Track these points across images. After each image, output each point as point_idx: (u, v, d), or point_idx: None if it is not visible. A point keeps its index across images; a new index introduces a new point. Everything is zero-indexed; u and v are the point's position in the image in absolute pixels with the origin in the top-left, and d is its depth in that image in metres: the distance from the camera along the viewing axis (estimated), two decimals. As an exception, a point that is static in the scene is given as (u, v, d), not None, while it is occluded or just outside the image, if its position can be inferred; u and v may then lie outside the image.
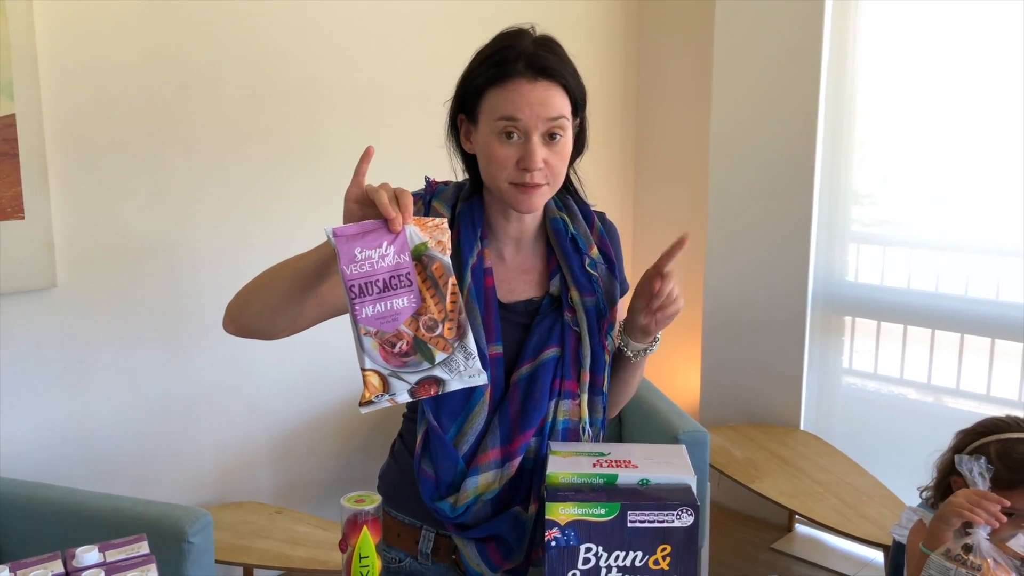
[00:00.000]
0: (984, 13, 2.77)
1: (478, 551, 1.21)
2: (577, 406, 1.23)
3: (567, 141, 1.20)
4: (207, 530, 1.98)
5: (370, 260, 0.99)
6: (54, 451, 2.40)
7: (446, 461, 1.19)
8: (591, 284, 1.25)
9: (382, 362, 1.00)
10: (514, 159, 1.15)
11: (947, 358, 3.08)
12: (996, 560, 1.19)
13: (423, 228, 1.02)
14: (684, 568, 1.07)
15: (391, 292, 0.99)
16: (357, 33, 2.85)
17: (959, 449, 1.41)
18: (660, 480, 1.12)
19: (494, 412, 1.20)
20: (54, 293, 2.36)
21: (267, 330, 1.17)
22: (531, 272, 1.28)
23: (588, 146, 1.32)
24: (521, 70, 1.15)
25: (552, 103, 1.16)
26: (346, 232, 0.99)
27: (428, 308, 1.01)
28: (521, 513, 1.21)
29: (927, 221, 3.06)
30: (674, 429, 2.60)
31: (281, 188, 2.73)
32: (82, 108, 2.36)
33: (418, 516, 1.27)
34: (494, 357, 1.20)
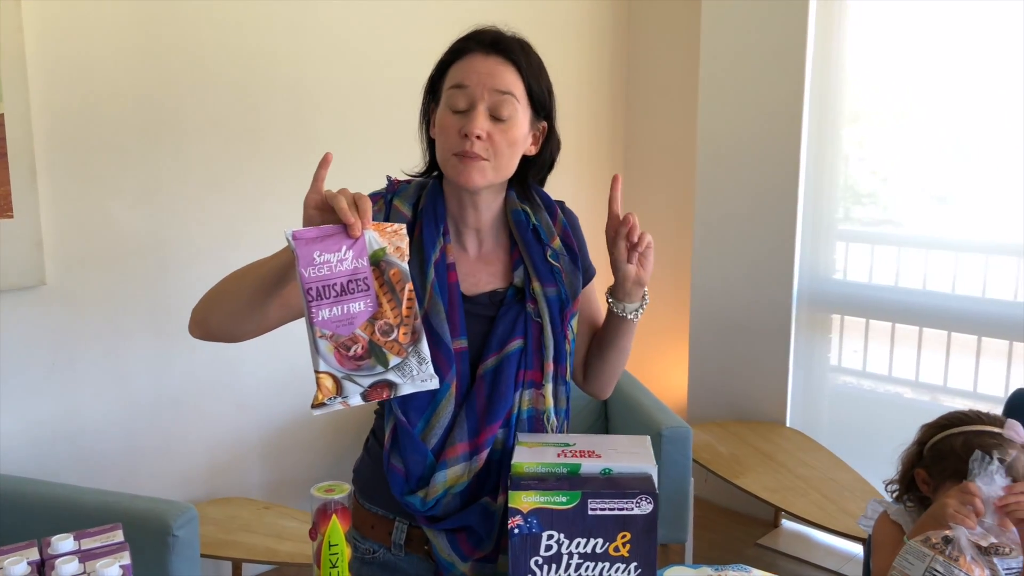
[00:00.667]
0: (967, 12, 2.80)
1: (449, 542, 1.23)
2: (541, 396, 1.26)
3: (516, 124, 1.20)
4: (192, 524, 2.01)
5: (328, 264, 1.01)
6: (44, 447, 2.43)
7: (415, 455, 1.21)
8: (553, 275, 1.27)
9: (336, 365, 1.02)
10: (459, 127, 1.18)
11: (935, 355, 3.11)
12: (974, 556, 1.22)
13: (382, 234, 1.04)
14: (643, 554, 1.10)
15: (348, 296, 1.01)
16: (347, 32, 2.87)
17: (923, 443, 1.43)
18: (622, 469, 1.15)
19: (461, 405, 1.22)
20: (43, 291, 2.39)
21: (233, 334, 1.19)
22: (495, 264, 1.30)
23: (556, 163, 1.33)
24: (478, 46, 1.20)
25: (501, 76, 1.19)
26: (305, 235, 1.00)
27: (384, 313, 1.03)
28: (490, 504, 1.23)
29: (914, 219, 3.09)
30: (658, 424, 2.63)
31: (270, 186, 2.76)
32: (71, 107, 2.39)
33: (391, 508, 1.29)
34: (459, 351, 1.22)
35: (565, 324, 1.27)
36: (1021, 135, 2.74)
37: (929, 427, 1.44)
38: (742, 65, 3.26)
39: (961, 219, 2.97)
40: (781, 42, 3.14)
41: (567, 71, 3.57)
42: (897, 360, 3.21)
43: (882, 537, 1.42)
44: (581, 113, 3.65)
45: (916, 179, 3.05)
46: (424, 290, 1.22)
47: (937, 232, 3.03)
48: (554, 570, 1.10)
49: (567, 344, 1.28)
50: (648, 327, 3.87)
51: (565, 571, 1.10)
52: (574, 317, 1.30)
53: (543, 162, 1.31)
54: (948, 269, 3.03)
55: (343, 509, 1.14)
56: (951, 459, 1.34)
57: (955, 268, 3.01)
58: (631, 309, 1.30)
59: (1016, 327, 2.83)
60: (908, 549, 1.25)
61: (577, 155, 3.63)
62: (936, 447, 1.39)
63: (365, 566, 1.32)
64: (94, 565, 1.04)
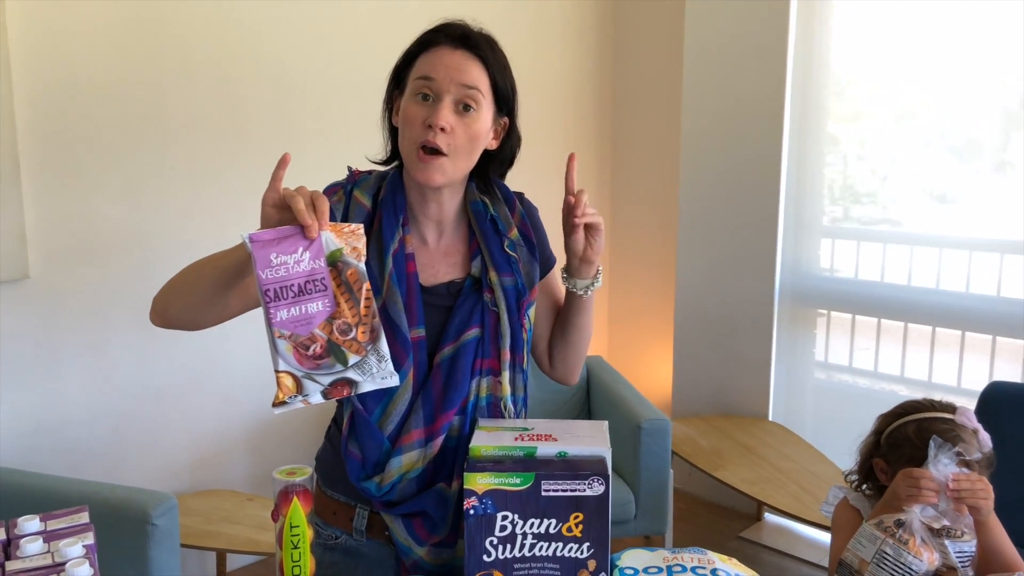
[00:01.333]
0: (943, 11, 2.83)
1: (405, 527, 1.26)
2: (499, 383, 1.28)
3: (480, 118, 1.23)
4: (171, 513, 2.03)
5: (285, 265, 1.02)
6: (27, 439, 2.45)
7: (371, 442, 1.23)
8: (510, 265, 1.29)
9: (296, 364, 1.04)
10: (423, 117, 1.19)
11: (920, 350, 3.13)
12: (923, 539, 1.24)
13: (339, 234, 1.05)
14: (596, 535, 1.12)
15: (306, 296, 1.03)
16: (330, 29, 2.90)
17: (880, 432, 1.46)
18: (577, 452, 1.17)
19: (417, 393, 1.25)
20: (27, 284, 2.41)
21: (193, 323, 1.22)
22: (453, 255, 1.32)
23: (517, 158, 1.35)
24: (446, 39, 1.22)
25: (468, 71, 1.21)
26: (262, 237, 1.02)
27: (342, 312, 1.05)
28: (445, 489, 1.25)
29: (901, 216, 3.11)
30: (638, 417, 2.66)
31: (253, 181, 2.78)
32: (54, 104, 2.41)
33: (352, 495, 1.31)
34: (416, 340, 1.24)
35: (522, 313, 1.30)
36: (1006, 131, 2.76)
37: (884, 417, 1.47)
38: (725, 64, 3.28)
39: (946, 216, 3.00)
40: (763, 42, 3.17)
41: (554, 71, 3.60)
42: (882, 355, 3.24)
43: (841, 521, 1.45)
44: (568, 112, 3.67)
45: (900, 177, 3.08)
46: (382, 280, 1.23)
47: (923, 229, 3.05)
48: (509, 550, 1.13)
49: (524, 333, 1.30)
50: (634, 323, 3.90)
51: (519, 551, 1.13)
52: (531, 307, 1.32)
53: (504, 157, 1.33)
54: (933, 265, 3.05)
55: (304, 492, 1.16)
56: (906, 446, 1.37)
57: (939, 264, 3.04)
58: (582, 286, 1.31)
59: (999, 322, 2.86)
60: (862, 532, 1.28)
61: (561, 157, 3.65)
62: (892, 436, 1.42)
63: (328, 552, 1.34)
64: (58, 545, 1.07)
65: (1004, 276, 2.89)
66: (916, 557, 1.20)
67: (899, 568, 1.21)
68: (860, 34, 3.04)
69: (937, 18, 2.85)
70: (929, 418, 1.38)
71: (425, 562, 1.26)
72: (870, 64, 3.04)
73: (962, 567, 1.24)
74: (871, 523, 1.28)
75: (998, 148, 2.82)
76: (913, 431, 1.37)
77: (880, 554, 1.23)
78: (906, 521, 1.25)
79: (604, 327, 4.02)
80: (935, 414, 1.39)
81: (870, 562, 1.23)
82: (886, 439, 1.43)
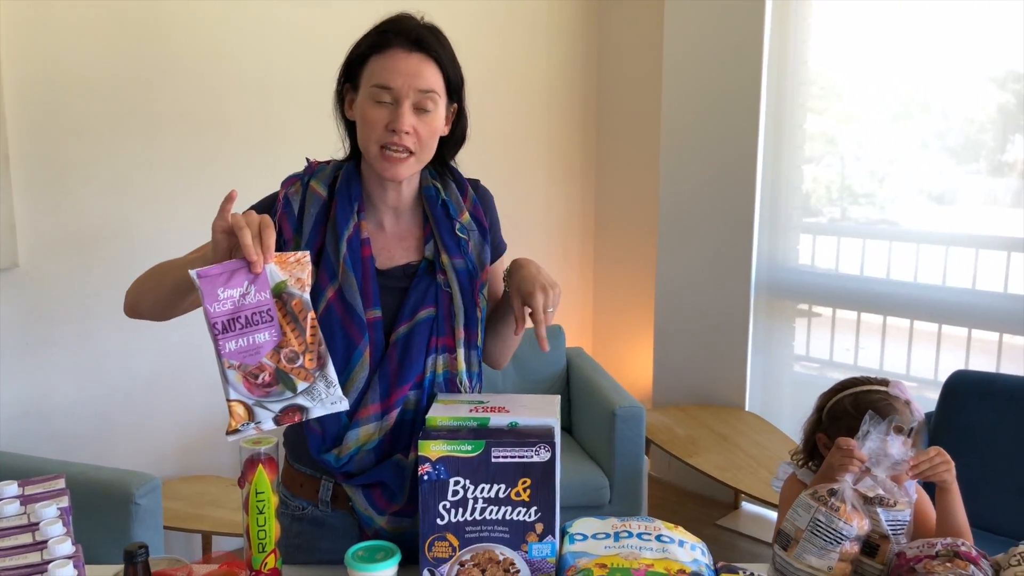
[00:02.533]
0: (917, 12, 2.90)
1: (365, 496, 1.32)
2: (454, 360, 1.34)
3: (437, 115, 1.29)
4: (155, 493, 2.10)
5: (232, 299, 1.08)
6: (16, 424, 2.52)
7: (329, 416, 1.29)
8: (459, 248, 1.36)
9: (246, 392, 1.09)
10: (384, 121, 1.25)
11: (899, 344, 3.19)
12: (853, 505, 1.31)
13: (283, 265, 1.11)
14: (543, 499, 1.19)
15: (252, 328, 1.09)
16: (311, 29, 2.97)
17: (820, 409, 1.52)
18: (527, 423, 1.23)
19: (374, 371, 1.31)
20: (16, 273, 2.48)
21: (161, 318, 1.33)
22: (408, 239, 1.38)
23: (468, 137, 1.40)
24: (400, 41, 1.26)
25: (424, 75, 1.26)
26: (209, 273, 1.08)
27: (289, 341, 1.10)
28: (402, 460, 1.32)
29: (877, 212, 3.18)
30: (612, 404, 2.73)
31: (238, 176, 2.85)
32: (43, 97, 2.48)
33: (317, 468, 1.38)
34: (373, 321, 1.30)
35: (475, 293, 1.36)
36: (1000, 131, 2.83)
37: (824, 394, 1.53)
38: (703, 64, 3.35)
39: (923, 211, 3.06)
40: (739, 42, 3.24)
41: (540, 72, 3.67)
42: (861, 349, 3.30)
43: (787, 495, 1.51)
44: (553, 113, 3.74)
45: (879, 173, 3.14)
46: (337, 265, 1.30)
47: (900, 224, 3.12)
48: (461, 513, 1.19)
49: (478, 311, 1.37)
50: (617, 318, 3.97)
51: (471, 514, 1.19)
52: (484, 287, 1.38)
53: (456, 139, 1.39)
54: (910, 260, 3.12)
55: (269, 460, 1.23)
56: (845, 419, 1.43)
57: (916, 259, 3.10)
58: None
59: (974, 315, 2.92)
60: (798, 503, 1.35)
61: (548, 152, 3.72)
62: (831, 410, 1.48)
63: (296, 522, 1.41)
64: (34, 507, 1.13)
65: (979, 271, 2.96)
66: (847, 523, 1.26)
67: (831, 534, 1.27)
68: (836, 34, 3.11)
69: (912, 17, 2.92)
70: (865, 391, 1.45)
71: (385, 531, 1.32)
72: (848, 64, 3.11)
73: (895, 535, 1.30)
74: (807, 493, 1.34)
75: (990, 148, 2.89)
76: (850, 403, 1.44)
77: (814, 521, 1.29)
78: (838, 490, 1.31)
79: (588, 322, 4.08)
80: (870, 387, 1.45)
81: (805, 530, 1.30)
82: (826, 414, 1.49)
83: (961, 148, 2.91)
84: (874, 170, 3.16)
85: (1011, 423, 2.36)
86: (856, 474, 1.31)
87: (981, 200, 2.93)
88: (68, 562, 0.98)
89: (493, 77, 3.50)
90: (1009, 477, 2.33)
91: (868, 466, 1.31)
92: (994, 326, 2.91)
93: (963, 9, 2.80)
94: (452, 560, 1.19)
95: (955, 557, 1.20)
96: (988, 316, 2.91)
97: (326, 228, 1.32)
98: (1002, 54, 2.74)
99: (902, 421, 1.37)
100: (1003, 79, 2.79)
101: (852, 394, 1.45)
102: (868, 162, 3.16)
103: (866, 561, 1.30)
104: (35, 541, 1.05)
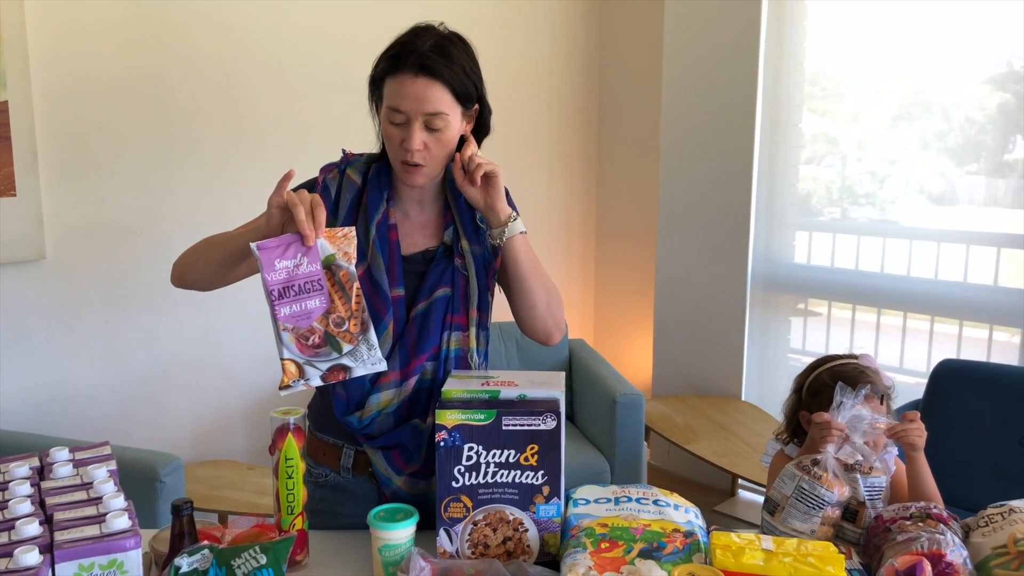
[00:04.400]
0: (907, 12, 3.00)
1: (384, 458, 1.44)
2: (467, 337, 1.47)
3: (447, 132, 1.38)
4: (178, 472, 2.21)
5: (287, 269, 1.22)
6: (41, 408, 2.63)
7: (354, 383, 1.42)
8: (479, 236, 1.48)
9: (298, 352, 1.22)
10: (399, 139, 1.37)
11: (893, 337, 3.29)
12: (835, 474, 1.42)
13: (332, 240, 1.24)
14: (549, 463, 1.30)
15: (305, 295, 1.22)
16: (326, 27, 3.08)
17: (799, 388, 1.64)
18: (534, 395, 1.34)
19: (396, 343, 1.43)
20: (43, 265, 2.59)
21: (208, 287, 1.46)
22: (430, 227, 1.50)
23: (492, 130, 1.50)
24: (408, 66, 1.35)
25: (431, 99, 1.35)
26: (267, 245, 1.22)
27: (336, 308, 1.24)
28: (419, 424, 1.44)
29: (878, 212, 3.27)
30: (613, 392, 2.84)
31: (253, 170, 2.96)
32: (69, 97, 2.59)
33: (340, 436, 1.50)
34: (396, 298, 1.43)
35: (489, 278, 1.48)
36: (980, 129, 2.94)
37: (800, 374, 1.65)
38: (701, 64, 3.46)
39: (914, 208, 3.16)
40: (735, 43, 3.35)
41: (544, 71, 3.78)
42: (857, 342, 3.39)
43: (776, 468, 1.62)
44: (555, 112, 3.84)
45: (869, 171, 3.24)
46: (367, 246, 1.42)
47: (899, 223, 3.21)
48: (474, 477, 1.30)
49: (489, 295, 1.49)
50: (619, 311, 4.08)
51: (483, 478, 1.30)
52: (496, 274, 1.50)
53: (481, 133, 1.49)
54: (904, 255, 3.21)
55: (298, 428, 1.34)
56: (824, 392, 1.54)
57: (909, 254, 3.19)
58: (496, 234, 1.43)
59: (966, 308, 3.02)
60: (784, 472, 1.46)
61: (551, 152, 3.83)
62: (811, 386, 1.59)
63: (319, 488, 1.53)
64: (86, 469, 1.24)
65: (971, 265, 3.05)
66: (828, 490, 1.38)
67: (814, 500, 1.38)
68: (833, 35, 3.21)
69: (906, 18, 3.02)
70: (840, 364, 1.57)
71: (403, 491, 1.44)
72: (847, 65, 3.21)
73: (871, 500, 1.41)
74: (792, 464, 1.45)
75: (964, 144, 2.99)
76: (828, 377, 1.55)
77: (798, 489, 1.40)
78: (821, 460, 1.42)
79: (590, 316, 4.19)
80: (843, 361, 1.57)
81: (790, 496, 1.41)
82: (806, 391, 1.60)
83: (962, 148, 2.99)
84: (875, 171, 3.25)
85: (993, 408, 2.47)
86: (837, 443, 1.42)
87: (981, 200, 3.02)
88: (123, 513, 1.09)
89: (500, 77, 3.59)
90: (991, 459, 2.44)
91: (847, 433, 1.42)
92: (984, 318, 3.01)
93: (962, 9, 2.88)
94: (466, 520, 1.30)
95: (927, 518, 1.31)
96: (978, 309, 3.00)
97: (358, 213, 1.44)
98: (1000, 54, 2.82)
99: (875, 389, 1.49)
100: (1003, 79, 2.87)
101: (828, 369, 1.57)
102: (869, 163, 3.25)
103: (847, 526, 1.41)
104: (90, 497, 1.16)
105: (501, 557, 1.30)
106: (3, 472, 1.24)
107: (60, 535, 1.05)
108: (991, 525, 1.31)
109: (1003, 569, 1.22)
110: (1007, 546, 1.24)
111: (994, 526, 1.30)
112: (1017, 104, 2.83)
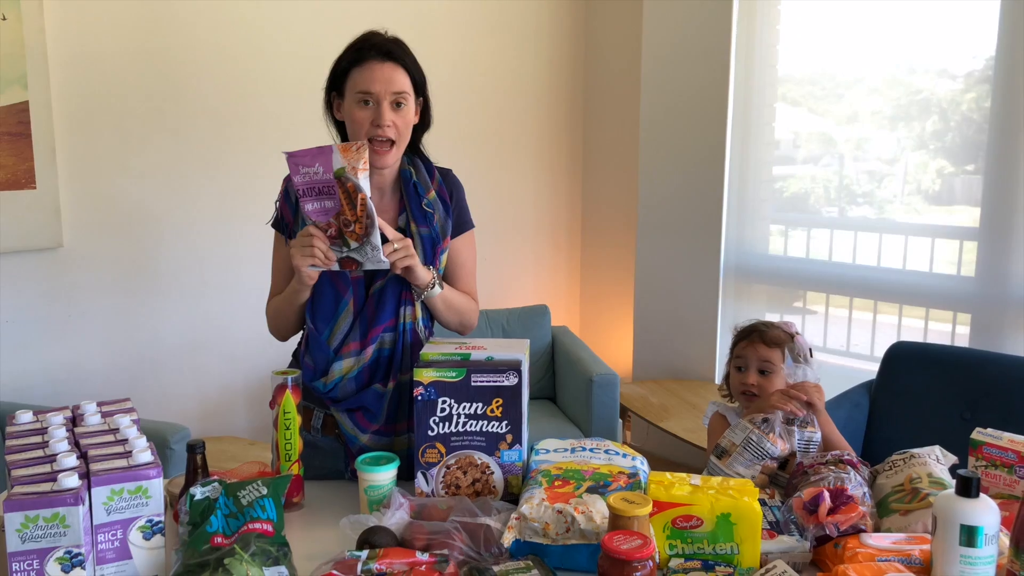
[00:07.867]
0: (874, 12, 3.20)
1: (349, 418, 1.68)
2: (414, 310, 1.70)
3: (409, 110, 1.64)
4: (185, 441, 2.39)
5: (308, 174, 1.51)
6: (56, 386, 2.83)
7: (319, 353, 1.66)
8: (426, 219, 1.69)
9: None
10: (370, 119, 1.60)
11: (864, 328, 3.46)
12: (780, 433, 1.62)
13: (345, 153, 1.49)
14: (512, 415, 1.50)
15: (322, 196, 1.52)
16: (325, 31, 3.28)
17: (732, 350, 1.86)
18: (501, 357, 1.55)
19: (356, 317, 1.66)
20: (60, 252, 2.79)
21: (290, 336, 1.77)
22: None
23: (432, 122, 1.74)
24: (374, 55, 1.61)
25: (397, 80, 1.61)
26: (293, 155, 1.50)
27: (345, 211, 1.51)
28: (380, 388, 1.67)
29: (842, 204, 3.45)
30: (590, 372, 3.04)
31: (255, 167, 3.17)
32: (85, 97, 2.79)
33: (311, 400, 1.73)
34: (356, 279, 1.66)
35: (436, 257, 1.70)
36: (978, 129, 3.13)
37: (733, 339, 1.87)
38: (677, 64, 3.65)
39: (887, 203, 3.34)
40: (708, 44, 3.54)
41: (529, 72, 3.98)
42: (831, 330, 3.57)
43: (713, 427, 1.85)
44: (540, 110, 4.04)
45: (840, 167, 3.43)
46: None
47: (861, 214, 3.39)
48: (447, 426, 1.50)
49: (434, 270, 1.70)
50: (601, 301, 4.28)
51: (455, 427, 1.50)
52: (444, 252, 1.73)
53: (424, 125, 1.74)
54: (872, 247, 3.37)
55: (295, 386, 1.55)
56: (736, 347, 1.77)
57: (879, 246, 3.36)
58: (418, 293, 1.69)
59: (932, 295, 3.20)
60: (736, 425, 1.66)
61: (537, 149, 4.03)
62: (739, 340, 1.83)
63: None
64: (113, 418, 1.44)
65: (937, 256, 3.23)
66: (772, 445, 1.58)
67: (759, 451, 1.59)
68: (805, 35, 3.38)
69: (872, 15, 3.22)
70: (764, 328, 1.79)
71: (367, 448, 1.67)
72: (817, 63, 3.39)
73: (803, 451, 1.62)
74: (745, 419, 1.66)
75: (939, 143, 3.19)
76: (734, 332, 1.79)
77: (747, 439, 1.61)
78: (771, 419, 1.63)
79: (576, 305, 4.40)
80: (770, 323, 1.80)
81: (739, 445, 1.61)
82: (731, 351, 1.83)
83: (959, 148, 3.08)
84: (873, 170, 3.38)
85: (940, 387, 2.67)
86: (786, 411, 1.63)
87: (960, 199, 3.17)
88: (147, 449, 1.29)
89: (494, 78, 3.79)
90: (936, 432, 2.63)
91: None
92: (951, 305, 3.17)
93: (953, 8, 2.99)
94: (440, 464, 1.50)
95: (839, 462, 1.52)
96: (945, 296, 3.16)
97: None
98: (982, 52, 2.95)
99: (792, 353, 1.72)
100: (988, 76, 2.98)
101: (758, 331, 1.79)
102: (867, 162, 3.38)
103: (780, 473, 1.62)
104: (117, 439, 1.36)
105: (471, 496, 1.50)
106: (42, 420, 1.44)
107: (95, 465, 1.25)
108: (894, 469, 1.51)
109: (899, 503, 1.42)
110: (903, 484, 1.45)
111: (896, 470, 1.50)
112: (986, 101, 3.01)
